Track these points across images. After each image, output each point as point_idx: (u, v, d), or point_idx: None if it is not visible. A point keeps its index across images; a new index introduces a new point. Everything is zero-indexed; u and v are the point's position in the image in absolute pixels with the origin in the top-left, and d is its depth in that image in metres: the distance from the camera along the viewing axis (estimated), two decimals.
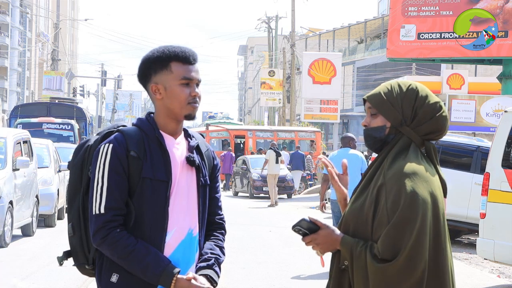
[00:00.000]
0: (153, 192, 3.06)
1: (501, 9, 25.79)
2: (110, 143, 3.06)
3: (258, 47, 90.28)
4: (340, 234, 2.94)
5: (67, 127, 24.97)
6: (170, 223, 3.09)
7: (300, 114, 46.43)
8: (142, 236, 3.05)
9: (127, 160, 3.04)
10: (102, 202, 3.02)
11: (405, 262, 2.79)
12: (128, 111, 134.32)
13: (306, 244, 3.00)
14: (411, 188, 2.83)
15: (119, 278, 3.06)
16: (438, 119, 2.95)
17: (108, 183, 3.03)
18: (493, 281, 10.73)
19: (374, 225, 2.87)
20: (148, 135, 3.10)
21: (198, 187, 3.18)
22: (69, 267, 3.61)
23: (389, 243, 2.80)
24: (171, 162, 3.09)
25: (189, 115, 3.12)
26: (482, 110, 26.02)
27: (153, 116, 3.17)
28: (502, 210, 9.59)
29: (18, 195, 13.11)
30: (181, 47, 3.14)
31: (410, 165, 2.88)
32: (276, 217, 19.45)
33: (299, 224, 2.98)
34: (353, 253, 2.87)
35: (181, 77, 3.09)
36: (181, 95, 3.09)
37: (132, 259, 2.99)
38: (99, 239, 3.02)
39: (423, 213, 2.82)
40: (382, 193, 2.87)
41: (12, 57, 72.62)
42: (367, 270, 2.83)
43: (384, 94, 2.97)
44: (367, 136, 3.02)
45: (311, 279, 10.16)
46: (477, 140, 15.51)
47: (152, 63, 3.12)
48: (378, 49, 52.08)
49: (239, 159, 30.45)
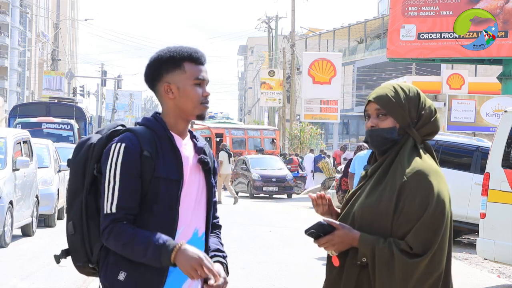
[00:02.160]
0: (166, 191, 3.06)
1: (501, 9, 25.79)
2: (123, 142, 3.05)
3: (258, 47, 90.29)
4: (357, 232, 3.02)
5: (66, 127, 24.93)
6: (179, 223, 3.10)
7: (300, 114, 46.45)
8: None
9: (140, 160, 3.04)
10: (114, 201, 3.02)
11: (434, 258, 2.95)
12: (128, 111, 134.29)
13: (320, 246, 3.06)
14: (437, 187, 2.99)
15: (126, 276, 3.04)
16: (436, 121, 3.13)
17: (120, 183, 3.02)
18: (493, 281, 10.73)
19: (396, 221, 2.98)
20: (159, 134, 3.11)
21: (208, 188, 3.20)
22: (69, 267, 3.60)
23: (422, 239, 2.94)
24: (182, 162, 3.10)
25: (201, 115, 3.14)
26: (482, 110, 26.03)
27: (160, 116, 3.17)
28: (502, 210, 9.60)
29: (18, 195, 13.10)
30: (193, 48, 3.16)
31: (429, 165, 3.04)
32: (276, 217, 19.46)
33: (314, 227, 3.02)
34: (375, 250, 2.96)
35: (194, 77, 3.12)
36: (194, 95, 3.11)
37: (135, 242, 2.97)
38: (106, 234, 3.01)
39: (447, 212, 3.01)
40: (405, 191, 2.98)
41: (12, 57, 72.63)
42: (394, 265, 2.94)
43: (392, 97, 3.08)
44: (377, 136, 3.09)
45: (311, 279, 10.15)
46: (477, 140, 15.51)
47: (164, 63, 3.12)
48: (378, 49, 52.09)
49: (239, 159, 30.46)
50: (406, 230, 2.96)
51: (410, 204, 2.96)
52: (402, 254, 2.93)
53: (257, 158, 30.13)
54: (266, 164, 28.98)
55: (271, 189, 27.71)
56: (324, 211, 3.25)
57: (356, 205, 3.09)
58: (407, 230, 2.96)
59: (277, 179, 27.70)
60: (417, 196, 2.96)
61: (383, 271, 2.96)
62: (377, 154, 3.15)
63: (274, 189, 27.71)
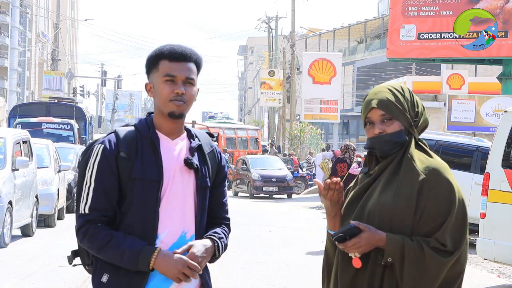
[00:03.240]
0: (143, 192, 3.02)
1: (501, 9, 25.78)
2: (102, 144, 3.06)
3: (258, 47, 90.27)
4: (382, 232, 2.99)
5: (66, 127, 24.91)
6: (161, 225, 3.05)
7: (300, 114, 46.44)
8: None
9: (116, 161, 3.02)
10: (88, 202, 3.02)
11: (463, 255, 3.01)
12: (128, 111, 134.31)
13: (347, 249, 3.02)
14: (455, 184, 3.02)
15: (108, 279, 3.04)
16: (426, 116, 3.17)
17: (95, 184, 3.02)
18: (493, 281, 10.73)
19: (419, 219, 2.98)
20: (142, 135, 3.08)
21: (196, 189, 3.13)
22: (69, 267, 3.60)
23: (453, 237, 2.96)
24: (162, 162, 3.05)
25: (172, 113, 3.06)
26: (482, 110, 26.03)
27: (152, 116, 3.16)
28: (502, 210, 9.59)
29: (18, 196, 13.07)
30: (173, 45, 3.12)
31: (440, 161, 3.08)
32: (276, 217, 19.45)
33: (343, 231, 2.99)
34: (404, 249, 2.95)
35: (164, 73, 3.07)
36: (162, 92, 3.06)
37: (110, 247, 2.97)
38: (81, 235, 3.02)
39: (466, 210, 3.06)
40: (424, 189, 2.99)
41: (12, 57, 72.58)
42: (425, 264, 2.94)
43: (394, 100, 3.09)
44: (386, 142, 3.07)
45: (311, 279, 10.15)
46: (477, 140, 15.51)
47: (147, 63, 3.15)
48: (378, 49, 52.08)
49: (239, 159, 30.46)
50: (431, 227, 2.96)
51: (434, 203, 2.96)
52: (434, 252, 2.94)
53: (257, 158, 30.14)
54: (266, 164, 28.98)
55: (271, 189, 27.70)
56: (333, 198, 3.13)
57: (370, 203, 3.06)
58: (433, 227, 2.96)
59: (277, 179, 27.70)
60: (440, 195, 2.97)
61: (413, 269, 2.95)
62: (379, 156, 3.12)
63: (274, 189, 27.71)
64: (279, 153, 37.09)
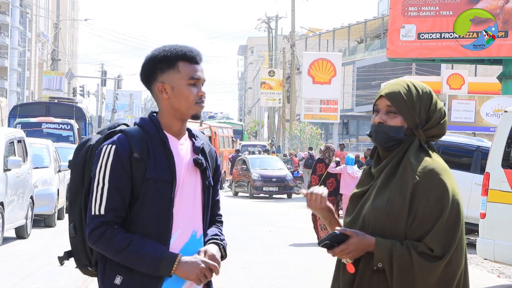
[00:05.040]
0: (157, 193, 3.02)
1: (501, 9, 25.79)
2: (113, 144, 3.02)
3: (258, 47, 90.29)
4: (371, 237, 2.94)
5: (66, 127, 24.91)
6: (175, 225, 3.06)
7: (300, 114, 46.47)
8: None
9: (129, 162, 3.01)
10: (103, 203, 2.99)
11: (455, 258, 2.91)
12: (128, 111, 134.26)
13: (335, 255, 2.99)
14: (451, 186, 2.93)
15: (122, 280, 3.02)
16: (443, 125, 3.06)
17: (109, 185, 3.00)
18: (493, 281, 10.74)
19: (411, 223, 2.91)
20: (152, 135, 3.07)
21: (204, 188, 3.16)
22: (69, 267, 3.60)
23: (441, 241, 2.88)
24: (175, 163, 3.06)
25: (196, 115, 3.11)
26: (482, 110, 26.04)
27: (156, 116, 3.14)
28: (502, 210, 9.59)
29: (10, 196, 12.66)
30: (188, 47, 3.12)
31: (440, 163, 2.98)
32: (276, 217, 19.46)
33: (327, 238, 2.97)
34: (392, 254, 2.90)
35: (188, 76, 3.07)
36: (189, 95, 3.07)
37: (129, 251, 2.96)
38: (96, 236, 2.98)
39: (462, 211, 2.97)
40: (418, 192, 2.92)
41: (12, 57, 72.59)
42: (413, 269, 2.87)
43: (404, 95, 3.01)
44: (382, 133, 3.02)
45: (311, 279, 10.16)
46: (477, 140, 15.51)
47: (158, 62, 3.08)
48: (378, 49, 52.11)
49: (239, 159, 30.47)
50: (423, 232, 2.89)
51: (425, 206, 2.90)
52: (421, 257, 2.87)
53: (257, 158, 30.15)
54: (266, 164, 28.98)
55: (271, 189, 27.70)
56: (316, 206, 3.12)
57: (366, 208, 3.02)
58: (424, 232, 2.89)
59: (277, 179, 27.69)
60: (431, 197, 2.90)
61: (401, 275, 2.90)
62: (380, 150, 3.09)
63: (274, 189, 27.71)
64: (272, 152, 36.97)
